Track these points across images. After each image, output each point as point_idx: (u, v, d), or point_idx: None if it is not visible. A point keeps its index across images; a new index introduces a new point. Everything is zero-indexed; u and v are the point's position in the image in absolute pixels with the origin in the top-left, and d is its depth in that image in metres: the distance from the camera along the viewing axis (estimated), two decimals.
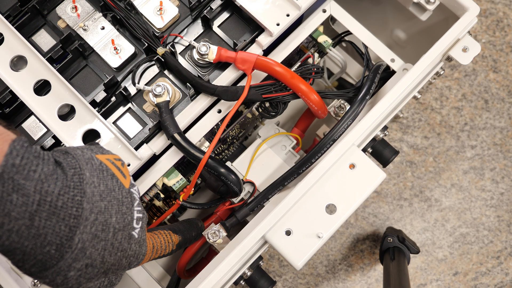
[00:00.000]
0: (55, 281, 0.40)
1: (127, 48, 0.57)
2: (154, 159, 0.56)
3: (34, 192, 0.36)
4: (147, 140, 0.56)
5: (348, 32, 0.65)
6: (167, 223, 0.75)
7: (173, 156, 0.57)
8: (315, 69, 0.59)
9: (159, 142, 0.56)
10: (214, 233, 0.60)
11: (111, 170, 0.43)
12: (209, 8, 0.59)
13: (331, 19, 0.65)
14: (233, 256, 0.55)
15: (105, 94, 0.56)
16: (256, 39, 0.58)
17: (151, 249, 0.48)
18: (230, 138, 0.70)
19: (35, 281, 0.53)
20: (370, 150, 0.65)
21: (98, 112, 0.55)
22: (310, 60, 0.66)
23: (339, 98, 0.63)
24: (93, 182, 0.40)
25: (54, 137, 0.54)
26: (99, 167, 0.42)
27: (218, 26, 0.60)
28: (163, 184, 0.58)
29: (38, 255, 0.38)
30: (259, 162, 0.64)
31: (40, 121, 0.56)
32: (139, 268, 0.55)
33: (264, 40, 0.58)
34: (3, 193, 0.35)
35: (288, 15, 0.58)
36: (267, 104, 0.59)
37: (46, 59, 0.54)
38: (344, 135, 0.58)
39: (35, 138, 0.56)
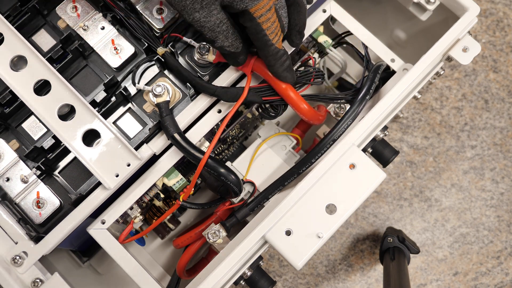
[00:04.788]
0: None
1: (127, 48, 0.57)
2: (154, 159, 0.56)
3: None
4: (147, 140, 0.56)
5: (348, 32, 0.65)
6: (167, 223, 0.76)
7: (173, 156, 0.57)
8: (315, 73, 0.58)
9: (159, 142, 0.56)
10: (214, 233, 0.60)
11: None
12: None
13: (331, 19, 0.65)
14: (233, 256, 0.55)
15: (105, 94, 0.56)
16: None
17: (268, 6, 0.49)
18: (230, 138, 0.70)
19: (36, 280, 0.53)
20: (370, 150, 0.65)
21: (98, 112, 0.55)
22: (310, 62, 0.66)
23: (337, 102, 0.63)
24: None
25: (54, 137, 0.54)
26: None
27: None
28: (163, 184, 0.58)
29: None
30: (259, 162, 0.64)
31: (40, 121, 0.56)
32: (139, 267, 0.55)
33: None
34: None
35: None
36: (267, 105, 0.59)
37: (46, 59, 0.54)
38: (344, 135, 0.57)
39: (35, 138, 0.56)
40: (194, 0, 0.47)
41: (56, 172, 0.56)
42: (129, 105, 0.57)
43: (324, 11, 0.63)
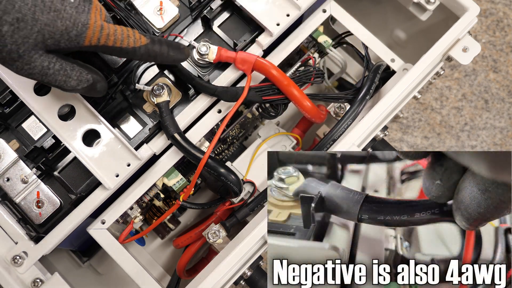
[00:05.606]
0: None
1: None
2: (154, 159, 0.56)
3: None
4: (147, 140, 0.56)
5: (348, 32, 0.65)
6: (167, 223, 0.76)
7: (173, 156, 0.57)
8: (315, 73, 0.58)
9: (159, 142, 0.56)
10: (214, 233, 0.60)
11: None
12: (209, 8, 0.59)
13: (331, 19, 0.65)
14: (233, 256, 0.55)
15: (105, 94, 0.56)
16: (256, 39, 0.58)
17: (98, 27, 0.45)
18: (230, 138, 0.70)
19: (36, 280, 0.53)
20: (370, 150, 0.65)
21: (98, 112, 0.55)
22: (310, 62, 0.66)
23: (338, 101, 0.63)
24: None
25: (54, 137, 0.55)
26: None
27: (218, 26, 0.60)
28: (163, 184, 0.58)
29: None
30: (259, 162, 0.64)
31: (40, 121, 0.56)
32: (139, 267, 0.55)
33: (264, 40, 0.58)
34: None
35: (288, 15, 0.58)
36: (267, 105, 0.59)
37: None
38: (344, 135, 0.58)
39: (35, 138, 0.56)
40: (10, 50, 0.43)
41: (56, 172, 0.56)
42: (129, 105, 0.57)
43: (324, 11, 0.63)
